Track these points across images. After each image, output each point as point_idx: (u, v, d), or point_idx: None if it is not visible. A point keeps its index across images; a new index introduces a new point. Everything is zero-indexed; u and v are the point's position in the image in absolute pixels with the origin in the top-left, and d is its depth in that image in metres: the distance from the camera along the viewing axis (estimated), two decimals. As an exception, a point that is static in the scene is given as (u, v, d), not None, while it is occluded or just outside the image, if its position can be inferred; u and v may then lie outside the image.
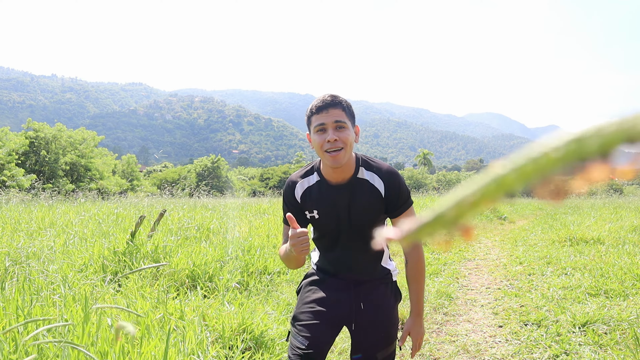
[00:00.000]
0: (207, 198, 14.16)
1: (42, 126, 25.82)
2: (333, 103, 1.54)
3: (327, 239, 1.72)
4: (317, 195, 1.66)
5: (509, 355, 2.99)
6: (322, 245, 1.77)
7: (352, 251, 1.70)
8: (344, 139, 1.52)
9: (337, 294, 1.71)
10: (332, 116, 1.52)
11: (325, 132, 1.53)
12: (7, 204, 9.43)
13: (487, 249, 7.26)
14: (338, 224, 1.66)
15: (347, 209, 1.63)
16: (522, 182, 0.25)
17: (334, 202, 1.64)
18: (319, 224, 1.69)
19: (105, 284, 3.26)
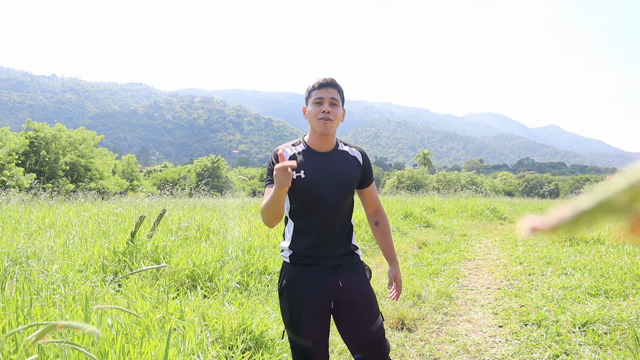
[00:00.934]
0: (207, 198, 14.17)
1: (42, 126, 25.81)
2: (332, 84, 1.85)
3: (312, 202, 1.83)
4: (304, 159, 1.86)
5: (509, 355, 3.00)
6: (303, 212, 1.84)
7: (332, 217, 1.84)
8: (335, 113, 1.83)
9: (321, 282, 1.82)
10: (329, 93, 1.83)
11: (322, 105, 1.82)
12: (7, 204, 9.43)
13: (487, 249, 7.26)
14: (322, 186, 1.82)
15: (335, 170, 1.86)
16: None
17: (322, 165, 1.86)
18: (304, 184, 1.81)
19: (105, 284, 3.25)
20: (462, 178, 44.70)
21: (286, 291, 1.84)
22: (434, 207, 13.06)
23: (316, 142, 1.88)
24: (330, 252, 1.84)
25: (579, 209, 0.26)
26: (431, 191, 25.27)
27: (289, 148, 1.89)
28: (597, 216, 0.25)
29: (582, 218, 0.26)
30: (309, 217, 1.84)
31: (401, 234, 8.47)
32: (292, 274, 1.84)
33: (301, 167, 1.82)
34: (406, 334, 3.41)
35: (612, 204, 0.25)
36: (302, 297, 1.80)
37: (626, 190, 0.24)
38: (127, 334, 2.32)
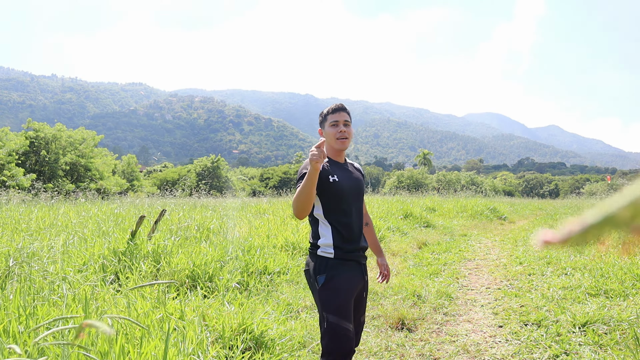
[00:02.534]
0: (207, 198, 14.17)
1: (42, 126, 25.79)
2: (343, 109, 2.28)
3: (344, 201, 2.17)
4: (332, 167, 2.21)
5: (509, 355, 2.99)
6: (339, 211, 2.16)
7: (357, 214, 2.21)
8: (349, 132, 2.25)
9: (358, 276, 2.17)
10: (342, 117, 2.24)
11: (338, 126, 2.22)
12: (8, 204, 9.43)
13: (487, 249, 7.26)
14: (350, 187, 2.19)
15: (356, 177, 2.28)
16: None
17: (344, 173, 2.24)
18: (339, 186, 2.15)
19: (106, 284, 3.25)
20: (462, 178, 44.68)
21: (334, 281, 2.09)
22: (434, 207, 13.06)
23: (334, 155, 2.28)
24: (359, 245, 2.19)
25: (587, 223, 0.27)
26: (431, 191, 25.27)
27: None
28: (603, 230, 0.27)
29: (590, 231, 0.27)
30: (342, 215, 2.16)
31: (401, 234, 8.47)
32: (337, 267, 2.11)
33: (334, 172, 2.18)
34: (406, 334, 3.41)
35: (616, 219, 0.26)
36: (349, 287, 2.10)
37: (628, 206, 0.26)
38: (127, 334, 2.32)
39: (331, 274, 2.10)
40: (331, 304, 2.06)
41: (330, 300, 2.07)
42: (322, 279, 2.10)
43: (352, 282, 2.13)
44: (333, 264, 2.12)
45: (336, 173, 2.18)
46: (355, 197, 2.24)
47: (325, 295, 2.08)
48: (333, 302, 2.06)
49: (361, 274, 2.19)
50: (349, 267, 2.14)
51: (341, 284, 2.09)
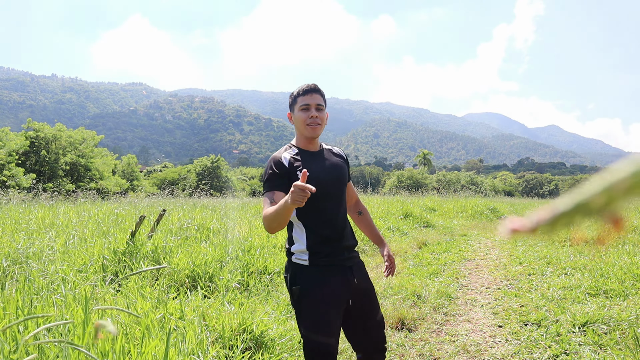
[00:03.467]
0: (207, 198, 14.17)
1: (42, 126, 25.80)
2: (316, 90, 1.98)
3: (319, 197, 1.85)
4: (302, 160, 1.97)
5: (509, 355, 3.00)
6: (314, 209, 1.91)
7: (337, 208, 1.98)
8: (322, 118, 1.97)
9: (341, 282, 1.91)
10: (315, 99, 1.95)
11: (309, 111, 1.94)
12: (7, 204, 9.43)
13: (487, 249, 7.26)
14: (324, 178, 1.94)
15: (331, 167, 2.01)
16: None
17: (320, 162, 2.00)
18: (308, 180, 1.85)
19: (105, 284, 3.25)
20: (462, 178, 44.69)
21: (310, 292, 1.86)
22: (434, 207, 13.06)
23: (305, 144, 2.01)
24: (345, 243, 1.96)
25: (557, 211, 0.27)
26: (431, 191, 25.26)
27: (286, 153, 1.98)
28: (575, 218, 0.26)
29: (560, 219, 0.27)
30: (318, 212, 1.92)
31: (401, 234, 8.47)
32: (312, 277, 1.87)
33: (303, 166, 1.92)
34: (406, 334, 3.41)
35: (589, 206, 0.25)
36: (328, 298, 1.86)
37: (602, 193, 0.25)
38: (127, 334, 2.32)
39: (306, 286, 1.87)
40: (307, 319, 1.86)
41: (306, 314, 1.86)
42: (296, 290, 1.88)
43: (333, 291, 1.87)
44: (308, 272, 1.88)
45: (306, 165, 1.91)
46: (334, 187, 1.97)
47: (300, 308, 1.88)
48: (309, 316, 1.85)
49: (346, 279, 1.92)
50: (329, 274, 1.89)
51: (317, 295, 1.85)
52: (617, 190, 0.24)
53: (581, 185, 0.26)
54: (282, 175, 1.92)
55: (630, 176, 0.24)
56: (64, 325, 2.29)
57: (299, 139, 2.02)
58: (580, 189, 0.26)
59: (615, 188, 0.24)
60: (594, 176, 0.26)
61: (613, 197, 0.25)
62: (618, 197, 0.24)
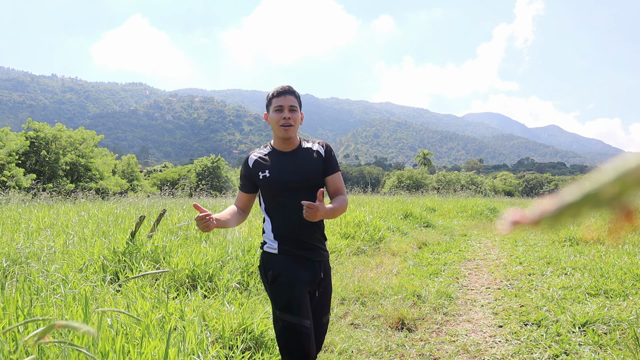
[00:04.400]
0: (207, 198, 14.16)
1: (42, 126, 25.80)
2: (290, 91, 2.05)
3: (280, 195, 2.02)
4: (269, 160, 2.07)
5: (509, 355, 2.99)
6: (276, 205, 2.04)
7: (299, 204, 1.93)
8: (295, 119, 2.03)
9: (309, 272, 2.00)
10: (288, 101, 2.02)
11: (282, 112, 2.01)
12: (7, 204, 9.43)
13: (487, 249, 7.26)
14: (286, 181, 2.00)
15: (299, 165, 2.04)
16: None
17: (286, 162, 2.05)
18: (270, 181, 2.01)
19: (105, 284, 3.25)
20: (462, 178, 44.69)
21: (282, 276, 1.96)
22: (434, 207, 13.06)
23: (280, 144, 2.08)
24: (309, 240, 2.02)
25: (563, 202, 0.25)
26: (431, 191, 25.26)
27: (257, 153, 2.12)
28: (582, 209, 0.24)
29: (567, 211, 0.25)
30: (280, 209, 2.03)
31: (401, 234, 8.47)
32: (284, 263, 1.98)
33: (266, 168, 2.04)
34: (406, 334, 3.41)
35: (599, 196, 0.24)
36: (298, 280, 1.95)
37: (615, 181, 0.23)
38: (127, 334, 2.32)
39: (277, 270, 1.97)
40: (283, 300, 1.93)
41: (281, 296, 1.94)
42: (270, 275, 1.98)
43: (301, 275, 1.96)
44: (278, 259, 1.99)
45: (271, 167, 2.02)
46: (298, 186, 2.00)
47: (274, 291, 1.96)
48: (284, 298, 1.93)
49: (312, 269, 2.01)
50: (298, 262, 1.99)
51: (289, 278, 1.94)
52: (631, 179, 0.22)
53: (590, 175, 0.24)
54: (246, 176, 2.11)
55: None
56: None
57: (275, 139, 2.10)
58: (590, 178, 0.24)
59: (629, 176, 0.22)
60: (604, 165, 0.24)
61: (626, 187, 0.23)
62: (632, 186, 0.23)
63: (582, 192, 0.24)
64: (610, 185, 0.23)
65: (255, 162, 2.08)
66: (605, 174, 0.23)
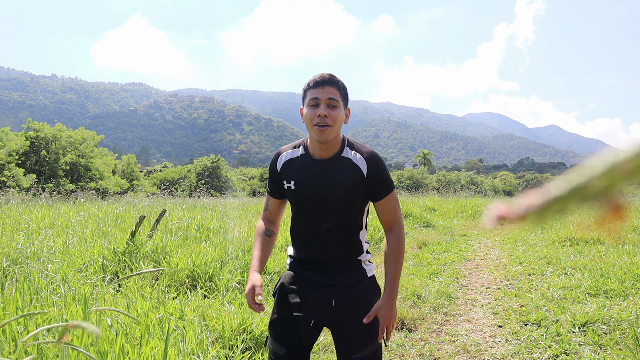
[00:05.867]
0: (207, 198, 14.16)
1: (43, 126, 25.81)
2: (330, 81, 1.59)
3: (305, 213, 1.70)
4: (297, 167, 1.69)
5: (509, 355, 2.99)
6: (300, 223, 1.74)
7: (330, 229, 1.67)
8: (334, 117, 1.57)
9: (313, 296, 1.69)
10: (326, 93, 1.57)
11: (318, 107, 1.57)
12: (7, 204, 9.43)
13: (487, 249, 7.26)
14: (316, 197, 1.65)
15: (327, 183, 1.64)
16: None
17: (314, 176, 1.66)
18: (295, 195, 1.69)
19: (105, 284, 3.25)
20: (462, 178, 44.71)
21: (280, 292, 1.75)
22: (434, 207, 13.06)
23: (315, 147, 1.66)
24: (331, 263, 1.70)
25: (550, 196, 0.24)
26: (431, 191, 25.26)
27: (289, 152, 1.74)
28: (569, 203, 0.23)
29: (553, 205, 0.24)
30: (300, 226, 1.74)
31: (401, 234, 8.46)
32: (289, 279, 1.75)
33: (292, 177, 1.68)
34: (406, 334, 3.41)
35: (587, 190, 0.23)
36: (295, 301, 1.69)
37: (603, 174, 0.22)
38: (126, 334, 2.31)
39: (280, 284, 1.76)
40: (270, 318, 1.74)
41: (272, 313, 1.75)
42: (275, 286, 1.80)
43: (303, 297, 1.68)
44: (286, 274, 1.78)
45: (298, 177, 1.67)
46: (323, 204, 1.65)
47: (275, 299, 1.76)
48: (272, 316, 1.74)
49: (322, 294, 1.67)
50: (304, 281, 1.71)
51: (285, 297, 1.71)
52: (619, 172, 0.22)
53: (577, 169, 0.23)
54: (273, 178, 1.77)
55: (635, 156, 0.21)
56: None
57: (311, 140, 1.67)
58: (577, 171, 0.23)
59: (617, 169, 0.22)
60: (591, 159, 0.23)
61: (615, 180, 0.22)
62: (621, 179, 0.22)
63: (569, 186, 0.23)
64: (598, 178, 0.22)
65: (285, 164, 1.72)
66: (593, 168, 0.22)
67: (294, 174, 1.69)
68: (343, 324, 1.67)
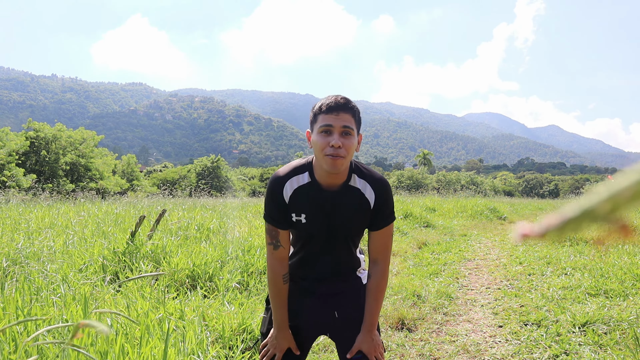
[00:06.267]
0: (207, 198, 14.17)
1: (43, 126, 25.80)
2: (345, 107, 1.48)
3: (309, 244, 1.64)
4: (307, 198, 1.57)
5: (509, 355, 2.99)
6: (299, 247, 1.68)
7: (331, 257, 1.66)
8: (348, 147, 1.46)
9: (310, 305, 1.69)
10: (341, 120, 1.46)
11: (330, 135, 1.45)
12: (7, 204, 9.43)
13: (487, 249, 7.26)
14: (324, 230, 1.59)
15: (337, 217, 1.58)
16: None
17: (325, 209, 1.57)
18: (304, 227, 1.59)
19: (105, 284, 3.26)
20: (462, 178, 44.72)
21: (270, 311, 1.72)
22: (434, 207, 13.06)
23: (322, 176, 1.54)
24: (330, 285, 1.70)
25: (565, 217, 0.28)
26: (431, 191, 25.26)
27: (294, 180, 1.58)
28: (582, 224, 0.28)
29: (568, 225, 0.28)
30: (309, 256, 1.68)
31: (401, 234, 8.47)
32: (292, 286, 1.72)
33: (303, 211, 1.57)
34: (406, 334, 3.41)
35: (595, 213, 0.27)
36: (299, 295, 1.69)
37: (607, 200, 0.26)
38: (126, 334, 2.32)
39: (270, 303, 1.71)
40: (265, 327, 1.74)
41: (266, 322, 1.75)
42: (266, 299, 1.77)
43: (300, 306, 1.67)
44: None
45: (307, 211, 1.56)
46: (325, 237, 1.60)
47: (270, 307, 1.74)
48: (267, 325, 1.73)
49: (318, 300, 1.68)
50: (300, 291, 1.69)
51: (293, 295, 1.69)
52: (621, 198, 0.26)
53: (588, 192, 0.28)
54: (281, 208, 1.59)
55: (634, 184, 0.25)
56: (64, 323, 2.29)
57: (317, 167, 1.55)
58: (587, 195, 0.27)
59: (620, 195, 0.26)
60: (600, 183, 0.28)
61: (618, 204, 0.26)
62: (623, 204, 0.26)
63: (581, 209, 0.27)
64: (604, 202, 0.26)
65: (293, 195, 1.57)
66: (599, 193, 0.27)
67: (305, 207, 1.57)
68: (342, 327, 1.68)
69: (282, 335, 1.62)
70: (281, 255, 1.62)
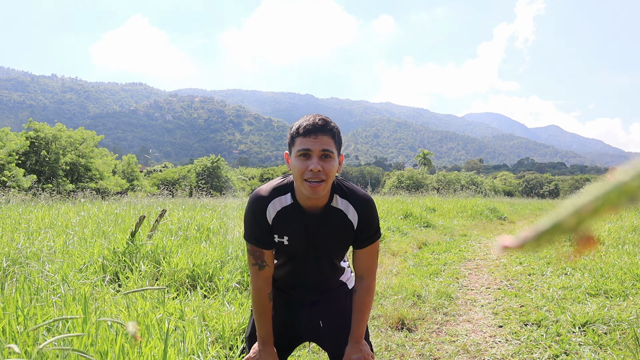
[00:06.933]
0: (207, 198, 14.17)
1: (43, 126, 25.80)
2: (323, 129, 1.40)
3: (290, 263, 1.63)
4: (289, 220, 1.53)
5: (509, 355, 2.99)
6: (283, 263, 1.67)
7: (313, 275, 1.66)
8: (328, 171, 1.40)
9: (292, 312, 1.70)
10: (319, 143, 1.39)
11: (309, 159, 1.40)
12: (7, 204, 9.43)
13: (487, 249, 7.26)
14: (307, 252, 1.58)
15: (317, 238, 1.55)
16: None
17: (307, 231, 1.54)
18: (286, 249, 1.58)
19: (104, 284, 3.26)
20: (462, 178, 44.71)
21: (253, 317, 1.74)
22: (434, 207, 13.06)
23: (303, 199, 1.50)
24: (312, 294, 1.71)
25: (539, 230, 0.31)
26: (431, 191, 25.27)
27: (276, 201, 1.54)
28: (554, 236, 0.30)
29: (542, 237, 0.31)
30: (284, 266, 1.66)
31: (401, 234, 8.47)
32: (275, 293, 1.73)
33: (285, 233, 1.54)
34: (406, 334, 3.41)
35: (563, 226, 0.30)
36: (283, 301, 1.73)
37: (573, 214, 0.29)
38: (126, 334, 2.31)
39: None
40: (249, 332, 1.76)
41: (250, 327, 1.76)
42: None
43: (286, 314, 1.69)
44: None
45: (289, 234, 1.54)
46: (308, 258, 1.59)
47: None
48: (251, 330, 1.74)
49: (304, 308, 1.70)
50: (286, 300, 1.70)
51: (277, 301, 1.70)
52: (584, 212, 0.29)
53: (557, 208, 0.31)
54: (264, 229, 1.55)
55: (594, 200, 0.28)
56: (64, 324, 2.29)
57: (297, 190, 1.50)
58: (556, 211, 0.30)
59: (582, 210, 0.29)
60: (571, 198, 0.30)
61: (582, 218, 0.29)
62: (586, 218, 0.29)
63: (551, 223, 0.30)
64: (569, 217, 0.29)
65: (277, 217, 1.53)
66: (566, 208, 0.29)
67: (286, 229, 1.54)
68: (328, 335, 1.70)
69: (267, 351, 1.61)
70: (266, 275, 1.60)
